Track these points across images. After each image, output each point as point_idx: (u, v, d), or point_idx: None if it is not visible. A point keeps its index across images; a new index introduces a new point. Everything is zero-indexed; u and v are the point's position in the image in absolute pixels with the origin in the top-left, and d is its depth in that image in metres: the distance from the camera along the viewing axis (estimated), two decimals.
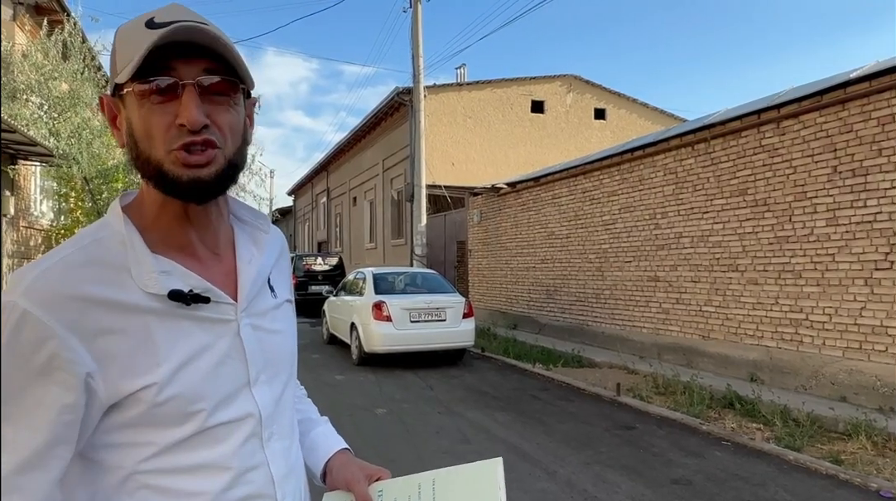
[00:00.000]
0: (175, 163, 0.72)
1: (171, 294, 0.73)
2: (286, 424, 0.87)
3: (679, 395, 6.21)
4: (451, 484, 0.89)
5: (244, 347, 0.79)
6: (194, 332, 0.75)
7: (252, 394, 0.80)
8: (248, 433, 0.78)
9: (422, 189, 14.44)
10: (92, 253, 0.72)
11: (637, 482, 3.95)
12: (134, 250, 0.74)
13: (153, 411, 0.71)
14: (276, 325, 0.87)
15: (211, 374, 0.75)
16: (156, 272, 0.73)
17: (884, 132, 5.43)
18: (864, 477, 3.98)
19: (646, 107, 19.42)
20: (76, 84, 9.81)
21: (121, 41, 0.74)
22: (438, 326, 8.31)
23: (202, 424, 0.74)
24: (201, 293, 0.76)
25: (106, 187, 10.54)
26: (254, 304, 0.83)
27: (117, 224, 0.76)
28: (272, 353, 0.84)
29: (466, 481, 0.88)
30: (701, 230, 7.45)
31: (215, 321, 0.78)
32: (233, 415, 0.77)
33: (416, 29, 14.30)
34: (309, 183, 32.17)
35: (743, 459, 4.44)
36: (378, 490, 0.93)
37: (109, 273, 0.71)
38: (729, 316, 7.05)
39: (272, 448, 0.82)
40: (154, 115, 0.72)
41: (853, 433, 4.76)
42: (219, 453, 0.75)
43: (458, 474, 0.90)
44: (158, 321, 0.73)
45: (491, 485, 0.85)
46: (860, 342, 5.59)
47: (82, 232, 0.76)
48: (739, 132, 6.93)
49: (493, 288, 12.89)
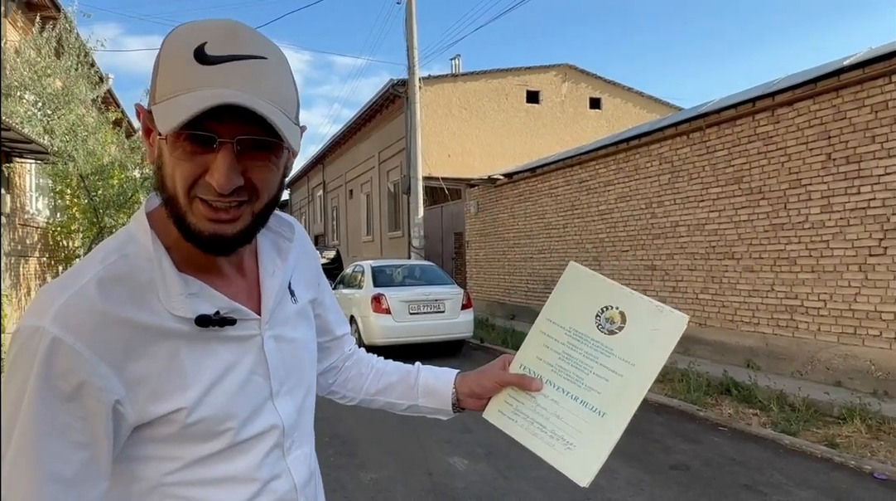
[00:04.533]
0: (198, 216, 0.69)
1: (198, 320, 0.73)
2: (306, 430, 0.88)
3: (677, 382, 6.28)
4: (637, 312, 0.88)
5: (268, 361, 0.79)
6: (220, 352, 0.75)
7: (275, 407, 0.80)
8: (271, 444, 0.79)
9: (418, 181, 14.45)
10: (120, 271, 0.70)
11: (636, 467, 4.01)
12: (161, 270, 0.72)
13: (183, 431, 0.71)
14: (297, 332, 0.87)
15: (238, 393, 0.75)
16: (183, 295, 0.72)
17: (877, 119, 5.46)
18: (858, 460, 4.05)
19: (641, 95, 19.40)
20: (70, 81, 9.76)
21: (165, 63, 0.68)
22: (437, 317, 8.36)
23: (231, 440, 0.74)
24: (227, 316, 0.75)
25: (102, 184, 10.52)
26: (275, 313, 0.82)
27: (144, 239, 0.73)
28: (293, 362, 0.84)
29: (650, 318, 0.87)
30: (697, 219, 7.50)
31: (240, 340, 0.77)
32: (258, 429, 0.77)
33: (411, 20, 14.25)
34: (305, 176, 32.10)
35: (740, 444, 4.51)
36: (519, 365, 0.95)
37: (137, 294, 0.70)
38: (725, 304, 7.11)
39: (293, 456, 0.83)
40: (185, 164, 0.67)
41: (848, 418, 4.83)
42: (244, 465, 0.76)
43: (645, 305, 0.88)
44: (186, 344, 0.72)
45: (671, 336, 0.86)
46: (854, 327, 5.65)
47: (108, 246, 0.74)
48: (734, 121, 6.96)
49: (491, 279, 12.94)
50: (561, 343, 0.91)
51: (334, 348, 1.08)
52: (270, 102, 0.67)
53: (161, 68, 0.68)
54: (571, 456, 0.88)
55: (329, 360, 1.08)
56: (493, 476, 3.87)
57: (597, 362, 0.88)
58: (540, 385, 0.91)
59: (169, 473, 0.72)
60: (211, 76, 0.65)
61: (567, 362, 0.90)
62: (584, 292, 0.91)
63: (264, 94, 0.67)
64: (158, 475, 0.72)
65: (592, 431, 0.87)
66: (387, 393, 1.08)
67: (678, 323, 0.86)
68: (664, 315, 0.86)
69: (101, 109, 11.42)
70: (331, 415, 5.15)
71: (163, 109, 0.65)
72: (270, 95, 0.67)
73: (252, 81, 0.67)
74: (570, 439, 0.88)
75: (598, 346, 0.88)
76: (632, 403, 0.86)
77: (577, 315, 0.91)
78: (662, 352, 0.86)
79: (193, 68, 0.65)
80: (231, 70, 0.66)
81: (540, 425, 0.90)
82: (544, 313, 0.94)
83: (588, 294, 0.91)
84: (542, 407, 0.91)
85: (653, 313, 0.87)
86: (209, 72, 0.65)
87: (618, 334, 0.88)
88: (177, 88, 0.65)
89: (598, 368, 0.88)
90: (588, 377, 0.88)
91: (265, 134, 0.67)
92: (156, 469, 0.72)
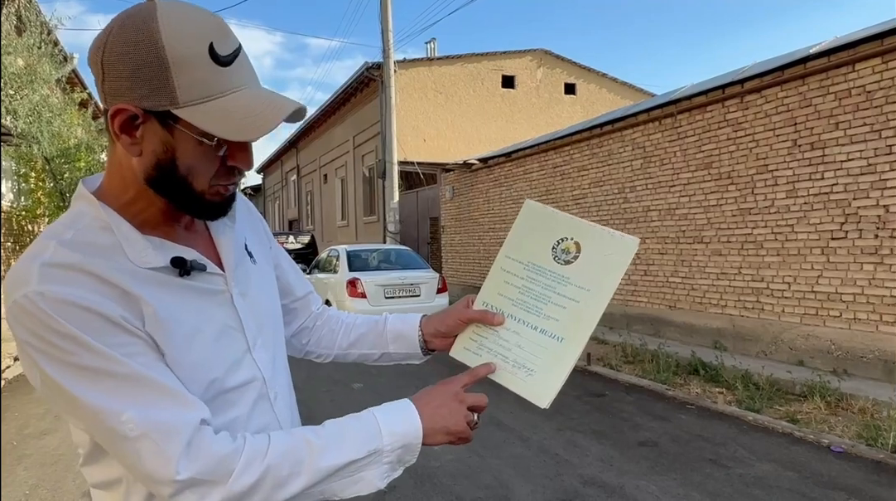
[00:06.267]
0: (215, 195, 0.77)
1: (173, 261, 0.76)
2: (285, 383, 0.92)
3: (647, 363, 6.44)
4: (593, 240, 0.92)
5: (240, 316, 0.83)
6: (194, 302, 0.78)
7: (254, 359, 0.83)
8: (256, 395, 0.83)
9: (394, 166, 14.40)
10: (80, 239, 0.72)
11: (605, 445, 4.12)
12: (122, 232, 0.74)
13: None
14: (262, 291, 0.90)
15: (216, 343, 0.78)
16: (151, 248, 0.75)
17: (841, 107, 5.61)
18: (817, 434, 4.23)
19: (615, 82, 19.54)
20: (32, 60, 9.45)
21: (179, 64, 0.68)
22: (413, 302, 8.41)
23: (219, 389, 0.77)
24: (198, 260, 0.79)
25: (68, 167, 10.27)
26: (238, 272, 0.86)
27: (94, 211, 0.75)
28: (262, 317, 0.87)
29: (603, 244, 0.91)
30: (668, 204, 7.64)
31: (211, 292, 0.81)
32: (241, 379, 0.81)
33: (386, 2, 14.09)
34: (278, 160, 31.67)
35: (706, 421, 4.66)
36: (482, 301, 0.98)
37: (106, 254, 0.72)
38: (694, 287, 7.28)
39: (279, 407, 0.87)
40: (209, 155, 0.73)
41: (808, 395, 5.03)
42: (234, 415, 0.79)
43: (596, 232, 0.92)
44: (162, 293, 0.74)
45: (623, 258, 0.90)
46: (816, 308, 5.85)
47: (55, 228, 0.74)
48: (705, 107, 7.08)
49: (467, 264, 13.01)
50: (520, 278, 0.95)
51: (300, 308, 1.11)
52: None
53: (174, 69, 0.68)
54: (532, 381, 0.91)
55: (298, 321, 1.11)
56: (468, 455, 3.94)
57: (555, 292, 0.92)
58: (502, 319, 0.95)
59: None
60: (233, 77, 0.71)
61: (527, 294, 0.94)
62: (540, 227, 0.96)
63: None
64: None
65: (551, 356, 0.91)
66: (359, 345, 1.12)
67: (629, 246, 0.90)
68: (616, 240, 0.91)
69: (66, 89, 11.10)
70: (308, 397, 5.16)
71: (206, 113, 0.70)
72: None
73: (253, 71, 0.75)
74: (530, 366, 0.92)
75: (555, 277, 0.93)
76: (588, 326, 0.91)
77: (535, 249, 0.95)
78: (615, 274, 0.90)
79: (215, 70, 0.70)
80: (240, 67, 0.73)
81: (503, 356, 0.94)
82: (504, 250, 0.98)
83: (544, 228, 0.95)
84: (504, 340, 0.94)
85: (605, 239, 0.91)
86: (229, 73, 0.71)
87: (573, 263, 0.92)
88: (211, 91, 0.70)
89: (556, 297, 0.92)
90: (547, 306, 0.92)
91: None
92: None
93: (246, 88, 0.72)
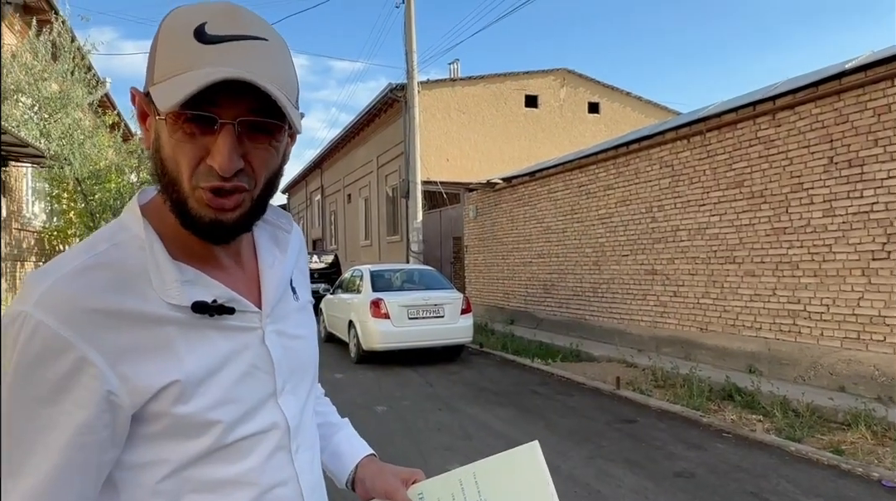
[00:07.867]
0: (199, 202, 0.67)
1: (194, 306, 0.69)
2: (311, 434, 0.84)
3: (678, 388, 6.22)
4: (494, 475, 0.87)
5: (270, 356, 0.76)
6: (217, 342, 0.71)
7: (279, 405, 0.76)
8: (274, 445, 0.75)
9: (417, 185, 14.41)
10: (109, 259, 0.67)
11: (640, 475, 3.95)
12: (154, 257, 0.69)
13: (175, 424, 0.67)
14: (300, 329, 0.83)
15: (236, 386, 0.71)
16: (178, 282, 0.69)
17: (880, 122, 5.43)
18: (865, 467, 3.99)
19: (639, 100, 19.43)
20: (66, 84, 9.71)
21: (164, 43, 0.65)
22: (437, 322, 8.29)
23: (220, 437, 0.69)
24: (225, 304, 0.72)
25: (98, 188, 10.47)
26: (277, 308, 0.79)
27: (136, 227, 0.70)
28: (296, 360, 0.80)
29: (508, 469, 0.87)
30: (698, 223, 7.45)
31: (240, 330, 0.74)
32: (257, 427, 0.73)
33: (410, 24, 14.24)
34: (303, 181, 32.08)
35: (744, 451, 4.45)
36: (418, 493, 0.91)
37: (128, 281, 0.67)
38: (727, 308, 7.06)
39: (300, 461, 0.78)
40: (185, 146, 0.65)
41: (853, 423, 4.78)
42: (245, 467, 0.72)
43: (497, 463, 0.88)
44: (180, 333, 0.68)
45: (534, 469, 0.84)
46: (858, 332, 5.61)
47: (98, 235, 0.70)
48: (735, 124, 6.93)
49: (490, 284, 12.88)
50: None
51: None
52: (271, 82, 0.64)
53: (159, 49, 0.66)
54: None
55: None
56: None
57: None
58: None
59: (161, 480, 0.68)
60: (212, 55, 0.63)
61: None
62: (517, 475, 0.87)
63: (266, 74, 0.64)
64: (151, 482, 0.68)
65: None
66: None
67: (530, 450, 0.85)
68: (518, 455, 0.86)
69: (97, 112, 11.37)
70: None
71: (162, 88, 0.63)
72: (271, 76, 0.65)
73: (253, 60, 0.65)
74: None
75: None
76: None
77: (498, 490, 0.87)
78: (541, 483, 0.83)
79: (194, 47, 0.63)
80: (232, 49, 0.64)
81: None
82: (476, 466, 0.90)
83: (519, 479, 0.87)
84: None
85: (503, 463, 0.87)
86: (210, 51, 0.63)
87: None
88: (176, 68, 0.63)
89: None
90: None
91: (265, 115, 0.66)
92: (149, 475, 0.68)
93: (225, 67, 0.62)
